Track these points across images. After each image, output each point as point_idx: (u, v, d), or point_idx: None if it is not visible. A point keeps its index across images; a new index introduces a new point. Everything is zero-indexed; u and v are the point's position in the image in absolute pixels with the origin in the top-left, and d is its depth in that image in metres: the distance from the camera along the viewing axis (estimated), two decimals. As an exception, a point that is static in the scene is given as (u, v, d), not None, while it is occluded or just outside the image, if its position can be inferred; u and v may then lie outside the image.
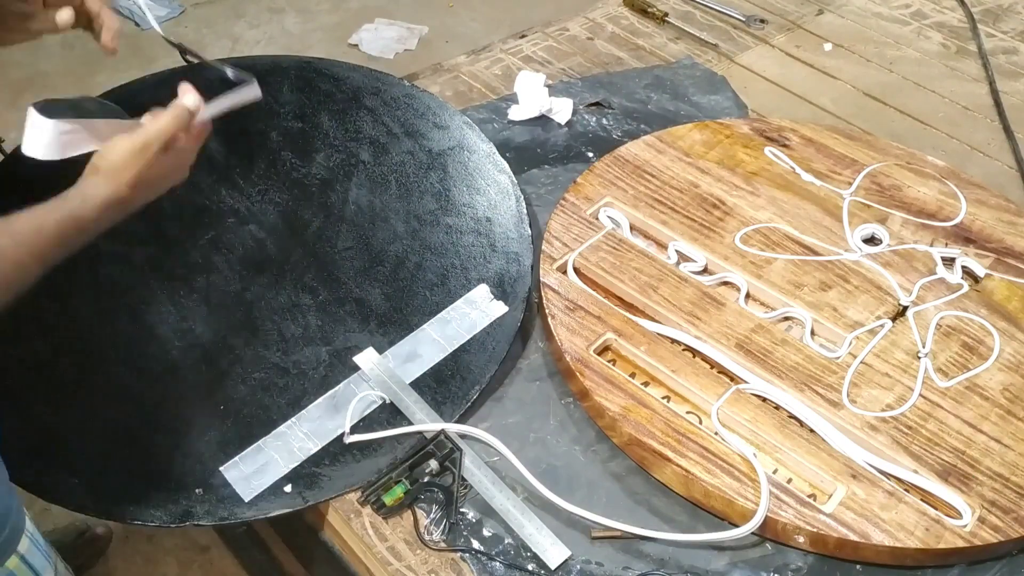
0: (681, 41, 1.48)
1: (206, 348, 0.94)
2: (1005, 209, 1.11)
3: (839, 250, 1.05)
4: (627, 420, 0.87)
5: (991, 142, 1.31)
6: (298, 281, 1.01)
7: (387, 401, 0.90)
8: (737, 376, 0.92)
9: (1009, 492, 0.83)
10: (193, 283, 1.00)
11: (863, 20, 1.55)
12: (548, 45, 1.45)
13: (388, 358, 0.94)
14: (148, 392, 0.90)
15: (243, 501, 0.83)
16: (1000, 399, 0.91)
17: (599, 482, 0.86)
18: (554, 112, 1.26)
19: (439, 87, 1.34)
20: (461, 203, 1.09)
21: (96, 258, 1.01)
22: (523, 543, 0.81)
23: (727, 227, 1.07)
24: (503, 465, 0.86)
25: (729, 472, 0.83)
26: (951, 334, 0.97)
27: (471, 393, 0.91)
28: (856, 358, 0.94)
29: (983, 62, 1.45)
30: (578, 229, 1.06)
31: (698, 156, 1.17)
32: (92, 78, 2.40)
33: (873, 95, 1.39)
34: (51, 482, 0.82)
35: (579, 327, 0.95)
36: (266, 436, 0.87)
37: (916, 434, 0.88)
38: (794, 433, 0.87)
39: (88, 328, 0.95)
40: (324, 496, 0.84)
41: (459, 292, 1.00)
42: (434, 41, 2.71)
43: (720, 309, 0.98)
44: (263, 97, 0.99)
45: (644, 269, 1.02)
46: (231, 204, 1.08)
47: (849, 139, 1.21)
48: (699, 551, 0.81)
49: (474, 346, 0.95)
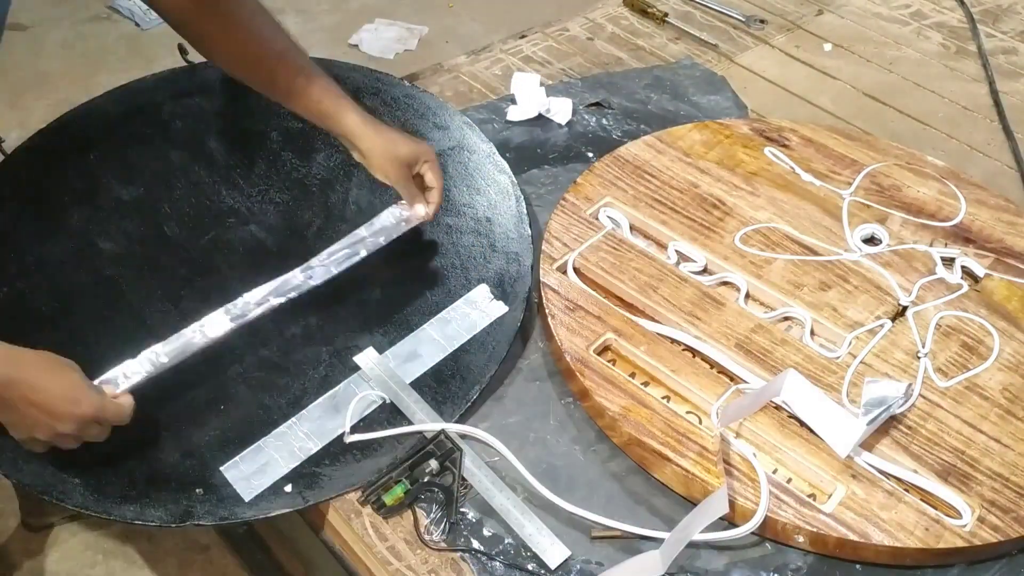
0: (681, 41, 1.48)
1: (206, 348, 0.94)
2: (1005, 209, 1.11)
3: (839, 250, 1.05)
4: (627, 420, 0.87)
5: (991, 142, 1.31)
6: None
7: (387, 401, 0.90)
8: (737, 376, 0.92)
9: (1009, 492, 0.83)
10: (193, 283, 1.00)
11: (863, 20, 1.55)
12: (548, 45, 1.45)
13: (388, 358, 0.94)
14: (148, 392, 0.90)
15: (243, 501, 0.83)
16: (1000, 399, 0.91)
17: (599, 482, 0.86)
18: (553, 112, 1.26)
19: (439, 87, 1.34)
20: (461, 203, 1.09)
21: (96, 258, 1.01)
22: (523, 543, 0.81)
23: (727, 227, 1.07)
24: (503, 465, 0.86)
25: (729, 472, 0.83)
26: (951, 334, 0.97)
27: (471, 393, 0.91)
28: (856, 358, 0.94)
29: (983, 62, 1.45)
30: (578, 229, 1.06)
31: (698, 156, 1.17)
32: (92, 78, 2.40)
33: (873, 95, 1.39)
34: (51, 482, 0.82)
35: (579, 327, 0.95)
36: (266, 436, 0.87)
37: (916, 434, 0.88)
38: (794, 433, 0.87)
39: (88, 328, 0.95)
40: (324, 496, 0.84)
41: (459, 292, 1.00)
42: (434, 41, 2.71)
43: (720, 309, 0.98)
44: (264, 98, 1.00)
45: (644, 269, 1.02)
46: (231, 204, 1.08)
47: (849, 139, 1.21)
48: (699, 551, 0.81)
49: (474, 346, 0.95)
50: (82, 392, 0.76)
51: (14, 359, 0.75)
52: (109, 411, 0.78)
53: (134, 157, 1.12)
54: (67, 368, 0.77)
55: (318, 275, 0.94)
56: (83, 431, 0.77)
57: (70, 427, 0.76)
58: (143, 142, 1.13)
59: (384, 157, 0.95)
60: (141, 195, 1.08)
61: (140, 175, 1.10)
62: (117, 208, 1.06)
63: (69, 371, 0.77)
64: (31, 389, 0.74)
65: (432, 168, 0.98)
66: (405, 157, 0.95)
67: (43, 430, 0.76)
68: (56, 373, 0.76)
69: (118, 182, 1.09)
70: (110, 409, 0.78)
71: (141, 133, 1.14)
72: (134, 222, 1.06)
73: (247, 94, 0.98)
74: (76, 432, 0.76)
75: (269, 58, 0.93)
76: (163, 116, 1.16)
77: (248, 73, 0.96)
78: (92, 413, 0.76)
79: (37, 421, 0.75)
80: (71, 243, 1.03)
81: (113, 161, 1.11)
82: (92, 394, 0.77)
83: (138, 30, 2.65)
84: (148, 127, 1.15)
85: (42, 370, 0.76)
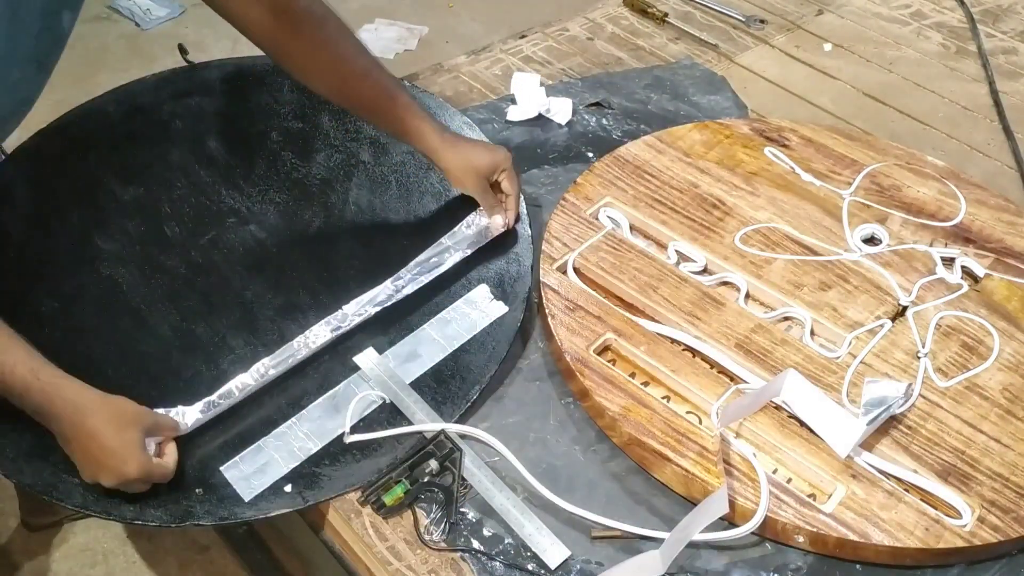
0: (681, 41, 1.48)
1: (206, 348, 0.94)
2: (1005, 209, 1.11)
3: (839, 250, 1.05)
4: (627, 420, 0.87)
5: (991, 142, 1.31)
6: (298, 281, 1.01)
7: (387, 401, 0.90)
8: (737, 376, 0.92)
9: (1009, 492, 0.83)
10: (193, 283, 1.00)
11: (863, 20, 1.55)
12: (548, 45, 1.45)
13: (388, 358, 0.94)
14: (148, 392, 0.90)
15: (243, 501, 0.83)
16: (1000, 399, 0.91)
17: (599, 482, 0.86)
18: (553, 112, 1.26)
19: (439, 87, 1.34)
20: (461, 203, 1.09)
21: (96, 258, 1.02)
22: (523, 543, 0.81)
23: (727, 227, 1.07)
24: (503, 465, 0.86)
25: (729, 472, 0.83)
26: (951, 334, 0.97)
27: (471, 393, 0.91)
28: (856, 358, 0.94)
29: (983, 62, 1.45)
30: (578, 229, 1.06)
31: (698, 156, 1.17)
32: (92, 78, 2.40)
33: (873, 95, 1.39)
34: (51, 482, 0.82)
35: (579, 327, 0.95)
36: (266, 436, 0.87)
37: (916, 434, 0.88)
38: (794, 433, 0.87)
39: (88, 328, 0.95)
40: (324, 496, 0.84)
41: (459, 292, 1.00)
42: (434, 41, 2.71)
43: (720, 309, 0.98)
44: (264, 98, 1.00)
45: (644, 269, 1.02)
46: (231, 204, 1.08)
47: (849, 139, 1.21)
48: (699, 551, 0.81)
49: (474, 346, 0.95)
50: (134, 453, 0.78)
51: (85, 406, 0.78)
52: (155, 475, 0.80)
53: (134, 157, 1.12)
54: (131, 425, 0.79)
55: (408, 285, 0.98)
56: (124, 487, 0.79)
57: (112, 481, 0.78)
58: (143, 142, 1.13)
59: (462, 171, 1.01)
60: (141, 195, 1.08)
61: (140, 175, 1.10)
62: (117, 208, 1.07)
63: (131, 429, 0.79)
64: (90, 437, 0.77)
65: (508, 176, 1.03)
66: (482, 169, 1.01)
67: (85, 472, 0.79)
68: (118, 428, 0.78)
69: (118, 182, 1.09)
70: (155, 473, 0.80)
71: (141, 133, 1.14)
72: (134, 222, 1.06)
73: (247, 94, 0.98)
74: (116, 486, 0.79)
75: (353, 77, 0.97)
76: (163, 116, 1.16)
77: (332, 92, 1.00)
78: (136, 476, 0.78)
79: (84, 464, 0.79)
80: (71, 243, 1.03)
81: (113, 161, 1.11)
82: (143, 457, 0.79)
83: (138, 30, 2.65)
84: (148, 127, 1.15)
85: (106, 421, 0.78)
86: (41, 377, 0.77)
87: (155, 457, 0.81)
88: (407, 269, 0.99)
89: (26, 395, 0.77)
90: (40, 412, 0.78)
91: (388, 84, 0.99)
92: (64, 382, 0.78)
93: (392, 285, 0.97)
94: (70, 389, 0.78)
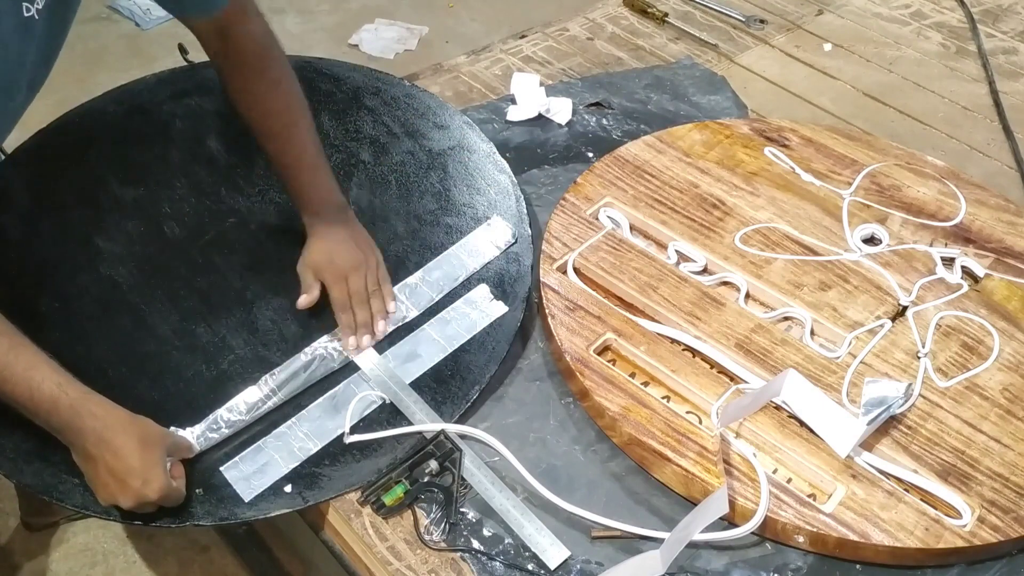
0: (681, 41, 1.48)
1: (206, 348, 0.94)
2: (1005, 209, 1.11)
3: (839, 250, 1.05)
4: (627, 420, 0.87)
5: (991, 142, 1.31)
6: (298, 281, 1.00)
7: (387, 401, 0.90)
8: (737, 376, 0.92)
9: (1008, 492, 0.83)
10: (193, 283, 1.00)
11: (863, 20, 1.55)
12: (548, 45, 1.45)
13: (388, 358, 0.94)
14: (148, 392, 0.90)
15: (243, 501, 0.83)
16: (1000, 399, 0.91)
17: (599, 482, 0.86)
18: (553, 112, 1.26)
19: (439, 87, 1.34)
20: (461, 203, 1.09)
21: (96, 258, 1.01)
22: (523, 543, 0.81)
23: (727, 227, 1.07)
24: (503, 465, 0.86)
25: (729, 472, 0.83)
26: (951, 334, 0.97)
27: (471, 393, 0.91)
28: (856, 358, 0.94)
29: (983, 62, 1.45)
30: (578, 229, 1.06)
31: (698, 156, 1.17)
32: (92, 78, 2.40)
33: (873, 95, 1.39)
34: (51, 482, 0.82)
35: (579, 327, 0.95)
36: (266, 436, 0.87)
37: (916, 434, 0.88)
38: (794, 433, 0.87)
39: (88, 328, 0.95)
40: (324, 496, 0.84)
41: (459, 292, 1.00)
42: (434, 41, 2.70)
43: (720, 309, 0.98)
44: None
45: (644, 269, 1.02)
46: (231, 204, 1.08)
47: (849, 139, 1.21)
48: (699, 551, 0.81)
49: (474, 346, 0.95)
50: (156, 474, 0.78)
51: (114, 424, 0.78)
52: (170, 499, 0.80)
53: (134, 157, 1.11)
54: (155, 446, 0.79)
55: (422, 301, 0.98)
56: (139, 508, 0.79)
57: (130, 502, 0.78)
58: (143, 142, 1.13)
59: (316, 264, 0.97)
60: (141, 195, 1.08)
61: (140, 175, 1.10)
62: (117, 208, 1.06)
63: (155, 449, 0.79)
64: (115, 455, 0.77)
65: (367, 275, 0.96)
66: (340, 268, 0.96)
67: (103, 493, 0.79)
68: (143, 448, 0.78)
69: (118, 182, 1.09)
70: (171, 497, 0.80)
71: (141, 133, 1.14)
72: (134, 222, 1.06)
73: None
74: (132, 507, 0.78)
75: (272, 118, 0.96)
76: (163, 116, 1.16)
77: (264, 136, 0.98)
78: (155, 498, 0.78)
79: (106, 484, 0.78)
80: (71, 243, 1.03)
81: (113, 161, 1.11)
82: (164, 478, 0.78)
83: (138, 30, 2.65)
84: (148, 127, 1.15)
85: (132, 440, 0.78)
86: (70, 393, 0.77)
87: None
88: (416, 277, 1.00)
89: (54, 411, 0.76)
90: (66, 428, 0.77)
91: (304, 140, 0.97)
92: (93, 398, 0.78)
93: (406, 303, 0.98)
94: (99, 406, 0.78)
